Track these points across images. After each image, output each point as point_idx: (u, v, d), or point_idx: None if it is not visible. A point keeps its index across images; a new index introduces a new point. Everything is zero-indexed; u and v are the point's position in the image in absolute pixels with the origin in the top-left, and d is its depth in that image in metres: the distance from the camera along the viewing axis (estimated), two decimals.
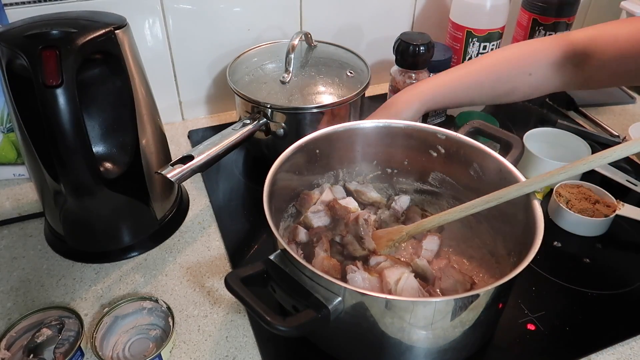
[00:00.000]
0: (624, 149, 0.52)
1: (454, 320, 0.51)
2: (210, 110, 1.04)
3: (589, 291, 0.69)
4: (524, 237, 0.57)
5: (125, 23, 0.65)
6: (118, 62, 0.64)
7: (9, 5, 0.78)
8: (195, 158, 0.68)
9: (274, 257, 0.53)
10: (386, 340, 0.53)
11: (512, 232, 0.62)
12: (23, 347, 0.60)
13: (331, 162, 0.73)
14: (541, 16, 0.96)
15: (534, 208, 0.57)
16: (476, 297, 0.50)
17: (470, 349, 0.59)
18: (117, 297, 0.67)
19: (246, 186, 0.87)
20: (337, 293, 0.49)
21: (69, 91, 0.57)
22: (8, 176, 0.86)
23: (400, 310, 0.50)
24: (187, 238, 0.77)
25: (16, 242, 0.75)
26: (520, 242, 0.57)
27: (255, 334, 0.63)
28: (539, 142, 0.88)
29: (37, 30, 0.59)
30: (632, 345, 0.63)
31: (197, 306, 0.66)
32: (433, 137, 0.70)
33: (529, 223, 0.57)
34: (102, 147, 0.72)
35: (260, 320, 0.48)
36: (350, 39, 0.96)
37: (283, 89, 0.84)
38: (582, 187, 0.81)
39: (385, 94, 0.97)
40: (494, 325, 0.61)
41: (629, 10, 1.10)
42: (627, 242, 0.77)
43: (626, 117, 1.07)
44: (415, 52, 0.85)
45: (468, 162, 0.68)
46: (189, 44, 0.94)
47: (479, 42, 0.95)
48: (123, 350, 0.61)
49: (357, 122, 0.71)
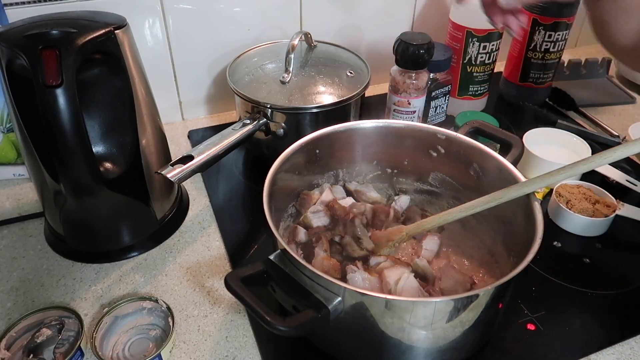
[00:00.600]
0: (624, 149, 0.52)
1: (454, 320, 0.51)
2: (210, 110, 1.04)
3: (589, 291, 0.69)
4: (523, 237, 0.57)
5: (125, 23, 0.65)
6: (118, 62, 0.64)
7: (9, 5, 0.78)
8: (195, 158, 0.68)
9: (273, 257, 0.54)
10: (386, 340, 0.53)
11: (512, 232, 0.62)
12: (23, 347, 0.60)
13: (331, 162, 0.73)
14: (541, 16, 0.96)
15: (533, 208, 0.57)
16: (476, 297, 0.50)
17: (470, 349, 0.59)
18: (117, 297, 0.67)
19: (246, 186, 0.87)
20: (337, 293, 0.49)
21: (69, 91, 0.57)
22: (8, 176, 0.86)
23: (400, 310, 0.50)
24: (187, 238, 0.77)
25: (16, 242, 0.75)
26: (520, 243, 0.57)
27: (255, 334, 0.63)
28: (539, 142, 0.88)
29: (37, 30, 0.59)
30: (632, 345, 0.63)
31: (197, 306, 0.66)
32: (433, 137, 0.70)
33: (528, 223, 0.57)
34: (102, 147, 0.72)
35: (260, 320, 0.48)
36: (350, 39, 0.96)
37: (283, 89, 0.84)
38: (582, 187, 0.81)
39: (385, 94, 0.97)
40: (494, 325, 0.61)
41: None
42: (627, 242, 0.77)
43: (626, 117, 1.07)
44: (415, 52, 0.85)
45: (468, 162, 0.68)
46: (189, 44, 0.94)
47: (479, 42, 0.95)
48: (123, 350, 0.61)
49: (357, 122, 0.72)
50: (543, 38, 0.98)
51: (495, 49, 0.97)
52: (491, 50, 0.96)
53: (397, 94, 0.90)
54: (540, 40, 0.99)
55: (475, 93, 1.02)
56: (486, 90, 1.03)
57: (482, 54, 0.96)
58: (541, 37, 0.98)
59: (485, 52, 0.96)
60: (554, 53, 1.00)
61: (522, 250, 0.54)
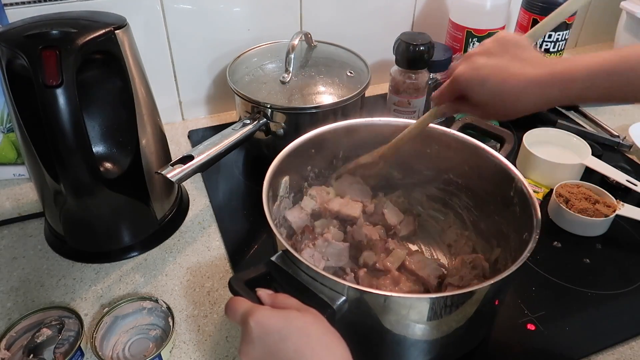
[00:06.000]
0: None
1: (451, 315, 0.52)
2: (210, 110, 1.04)
3: (589, 291, 0.69)
4: (520, 239, 0.57)
5: (125, 23, 0.65)
6: (118, 62, 0.64)
7: (9, 5, 0.78)
8: (195, 158, 0.68)
9: (275, 258, 0.53)
10: (390, 337, 0.53)
11: (509, 232, 0.62)
12: (23, 347, 0.60)
13: (329, 160, 0.72)
14: (541, 16, 0.96)
15: (532, 204, 0.57)
16: (471, 294, 0.51)
17: (470, 343, 0.60)
18: (117, 297, 0.67)
19: (246, 186, 0.87)
20: (341, 292, 0.49)
21: (69, 91, 0.57)
22: (8, 176, 0.86)
23: (399, 306, 0.50)
24: (187, 238, 0.77)
25: (16, 242, 0.75)
26: (517, 249, 0.57)
27: None
28: (539, 142, 0.88)
29: (37, 30, 0.59)
30: (632, 345, 0.63)
31: (197, 306, 0.66)
32: (427, 132, 0.70)
33: (526, 224, 0.57)
34: (102, 147, 0.72)
35: None
36: (350, 39, 0.96)
37: (283, 89, 0.84)
38: (582, 187, 0.81)
39: (385, 94, 0.97)
40: (492, 321, 0.62)
41: (629, 10, 1.10)
42: (627, 242, 0.77)
43: (626, 117, 1.07)
44: (415, 52, 0.85)
45: (461, 158, 0.68)
46: (189, 44, 0.94)
47: (479, 42, 0.95)
48: (123, 350, 0.61)
49: (355, 120, 0.71)
50: (543, 38, 0.98)
51: None
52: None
53: (397, 94, 0.90)
54: (540, 40, 0.99)
55: None
56: None
57: None
58: (541, 37, 0.98)
59: None
60: (554, 53, 1.00)
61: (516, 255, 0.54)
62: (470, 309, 0.52)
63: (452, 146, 0.69)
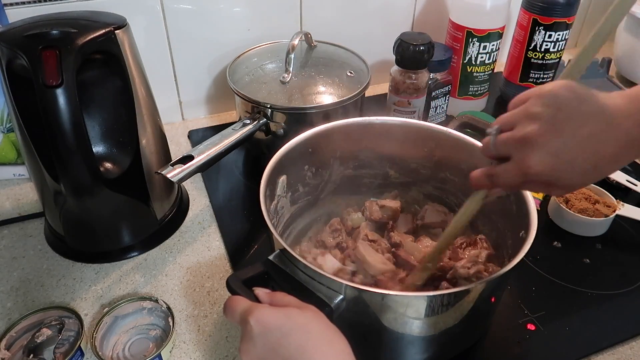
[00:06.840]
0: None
1: (455, 312, 0.52)
2: (210, 110, 1.04)
3: (589, 291, 0.69)
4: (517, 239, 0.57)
5: (125, 23, 0.65)
6: (118, 62, 0.64)
7: (9, 5, 0.78)
8: (195, 158, 0.68)
9: (273, 257, 0.53)
10: (388, 334, 0.53)
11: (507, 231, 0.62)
12: (23, 347, 0.60)
13: (325, 159, 0.72)
14: (541, 16, 0.96)
15: (527, 202, 0.57)
16: (467, 292, 0.51)
17: (467, 341, 0.60)
18: (117, 297, 0.67)
19: (246, 186, 0.87)
20: (339, 291, 0.49)
21: (69, 91, 0.57)
22: (8, 176, 0.86)
23: (397, 304, 0.50)
24: (187, 238, 0.77)
25: (16, 242, 0.75)
26: (514, 247, 0.57)
27: None
28: None
29: (37, 30, 0.59)
30: (632, 345, 0.63)
31: (197, 306, 0.66)
32: (425, 132, 0.70)
33: (522, 222, 0.57)
34: (102, 147, 0.72)
35: None
36: (350, 39, 0.96)
37: (283, 89, 0.84)
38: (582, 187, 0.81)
39: (385, 94, 0.97)
40: (489, 318, 0.62)
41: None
42: (627, 242, 0.77)
43: None
44: (415, 52, 0.85)
45: (458, 156, 0.68)
46: (189, 44, 0.94)
47: (479, 42, 0.95)
48: (123, 350, 0.61)
49: (352, 119, 0.71)
50: (543, 38, 0.98)
51: (496, 49, 0.97)
52: (491, 50, 0.96)
53: (397, 94, 0.90)
54: (540, 40, 0.99)
55: (476, 93, 1.02)
56: (486, 90, 1.03)
57: (482, 54, 0.96)
58: (541, 37, 0.98)
59: (485, 52, 0.96)
60: (554, 53, 1.00)
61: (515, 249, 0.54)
62: (467, 306, 0.53)
63: (449, 145, 0.69)
